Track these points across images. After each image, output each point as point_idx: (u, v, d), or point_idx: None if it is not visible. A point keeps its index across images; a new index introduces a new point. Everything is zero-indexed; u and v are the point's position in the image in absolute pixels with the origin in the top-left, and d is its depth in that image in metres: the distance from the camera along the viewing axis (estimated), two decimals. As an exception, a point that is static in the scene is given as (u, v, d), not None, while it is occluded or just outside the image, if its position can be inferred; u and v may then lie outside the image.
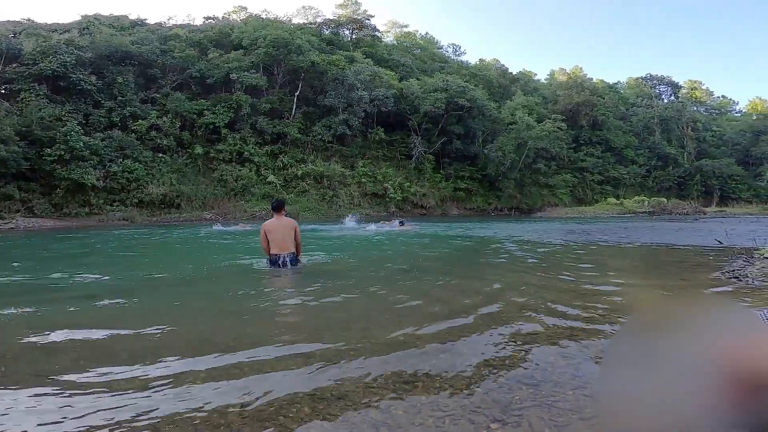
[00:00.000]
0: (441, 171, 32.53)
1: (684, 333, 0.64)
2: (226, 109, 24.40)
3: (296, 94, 27.41)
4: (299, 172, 25.39)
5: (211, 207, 21.18)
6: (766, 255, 6.79)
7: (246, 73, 25.16)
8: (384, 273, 6.00)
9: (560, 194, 36.97)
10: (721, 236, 10.91)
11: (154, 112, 21.83)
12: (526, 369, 2.31)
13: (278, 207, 6.11)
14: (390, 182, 28.74)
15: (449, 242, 10.65)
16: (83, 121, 18.75)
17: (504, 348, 2.64)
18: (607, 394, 0.63)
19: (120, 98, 20.69)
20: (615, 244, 9.60)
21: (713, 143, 47.09)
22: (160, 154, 21.15)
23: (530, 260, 7.21)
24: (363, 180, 27.89)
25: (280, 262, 5.93)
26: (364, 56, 32.34)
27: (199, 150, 22.61)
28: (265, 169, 24.72)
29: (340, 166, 27.32)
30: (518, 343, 2.72)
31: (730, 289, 4.29)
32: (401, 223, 16.87)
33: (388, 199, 28.40)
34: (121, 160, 18.71)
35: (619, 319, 3.20)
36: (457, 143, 32.30)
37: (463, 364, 2.38)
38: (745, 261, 6.40)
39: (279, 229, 5.96)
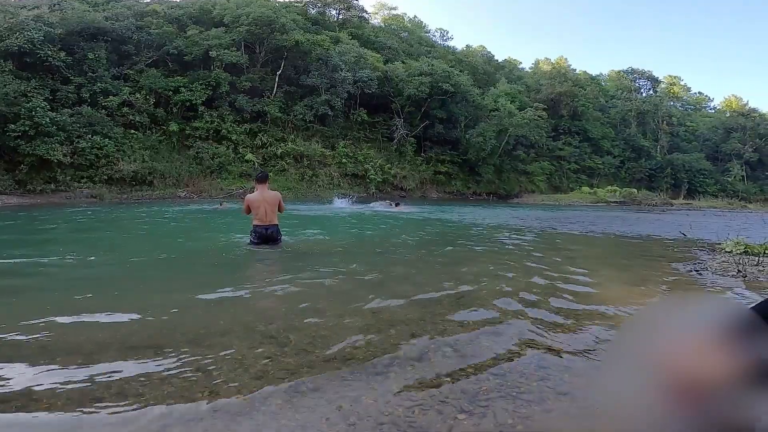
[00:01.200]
0: (422, 154, 32.66)
1: (632, 339, 0.68)
2: (204, 87, 23.63)
3: (278, 72, 26.72)
4: (279, 151, 24.95)
5: (186, 185, 20.56)
6: (726, 249, 7.17)
7: (226, 51, 24.29)
8: (363, 256, 6.03)
9: (537, 181, 37.73)
10: (686, 228, 11.42)
11: (127, 88, 20.97)
12: (493, 359, 2.40)
13: (262, 179, 6.14)
14: (371, 164, 28.67)
15: (434, 226, 10.72)
16: (50, 97, 17.93)
17: (473, 338, 2.72)
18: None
19: (90, 74, 19.79)
20: (585, 233, 9.84)
21: (685, 138, 48.59)
22: (132, 131, 20.40)
23: (507, 246, 7.40)
24: (344, 161, 27.72)
25: (266, 234, 5.96)
26: (350, 37, 31.76)
27: (174, 127, 21.88)
28: (243, 147, 24.18)
29: (320, 146, 27.00)
30: (487, 333, 2.81)
31: (689, 284, 4.50)
32: (396, 204, 17.25)
33: (368, 180, 28.37)
34: (90, 136, 17.95)
35: (584, 311, 3.34)
36: (439, 127, 32.39)
37: (432, 353, 2.45)
38: (707, 254, 6.73)
39: (262, 202, 5.98)
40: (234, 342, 2.56)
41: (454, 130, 33.42)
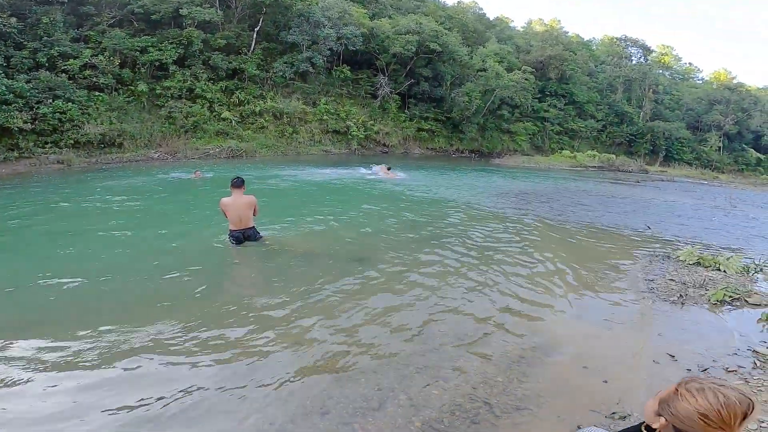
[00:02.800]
0: (405, 111, 32.14)
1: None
2: (175, 46, 21.98)
3: (256, 29, 25.06)
4: (257, 109, 24.04)
5: (158, 145, 19.72)
6: (681, 258, 7.62)
7: (199, 8, 22.35)
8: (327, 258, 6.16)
9: (520, 141, 37.88)
10: (652, 219, 11.90)
11: (89, 50, 19.36)
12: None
13: (237, 184, 6.22)
14: (353, 120, 28.15)
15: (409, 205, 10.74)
16: (4, 64, 16.61)
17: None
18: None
19: (46, 38, 18.26)
20: (552, 223, 9.93)
21: (669, 106, 48.84)
22: (97, 93, 19.15)
23: (470, 233, 7.68)
24: (325, 117, 27.07)
25: (242, 238, 6.16)
26: (336, -10, 29.86)
27: (142, 87, 20.54)
28: (219, 105, 23.08)
29: (301, 102, 26.16)
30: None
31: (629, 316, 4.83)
32: (388, 169, 16.68)
33: (350, 136, 27.98)
34: (50, 101, 16.90)
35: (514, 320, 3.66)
36: (425, 85, 31.70)
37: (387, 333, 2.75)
38: (661, 264, 7.16)
39: (236, 207, 6.09)
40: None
41: (440, 88, 32.78)
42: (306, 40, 25.46)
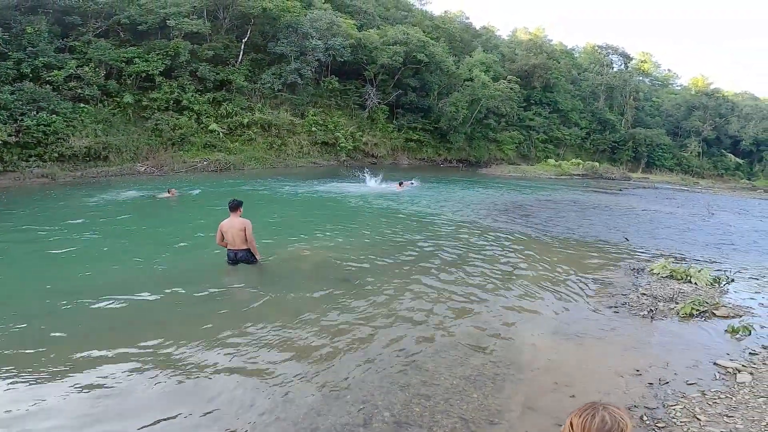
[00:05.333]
0: (394, 122, 32.49)
1: None
2: (161, 57, 21.88)
3: (244, 40, 25.19)
4: (245, 121, 24.08)
5: (145, 158, 19.55)
6: (654, 271, 7.96)
7: (186, 19, 22.35)
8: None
9: (506, 150, 38.51)
10: (631, 230, 12.32)
11: (74, 61, 19.23)
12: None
13: (233, 207, 6.47)
14: (341, 131, 28.38)
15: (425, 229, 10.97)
16: None
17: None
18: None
19: (30, 49, 18.17)
20: (533, 237, 10.18)
21: (650, 113, 50.15)
22: (82, 105, 18.96)
23: (454, 249, 7.92)
24: (313, 129, 27.26)
25: (236, 258, 6.54)
26: (324, 1, 30.17)
27: (128, 99, 20.41)
28: (207, 117, 23.01)
29: (289, 114, 26.32)
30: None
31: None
32: (400, 184, 17.39)
33: (338, 148, 28.21)
34: (35, 113, 16.77)
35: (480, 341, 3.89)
36: (412, 96, 32.15)
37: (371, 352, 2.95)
38: (635, 277, 7.48)
39: (230, 228, 6.37)
40: None
41: (427, 98, 33.27)
42: (294, 51, 25.69)
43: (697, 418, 3.47)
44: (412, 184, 18.65)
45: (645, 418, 3.47)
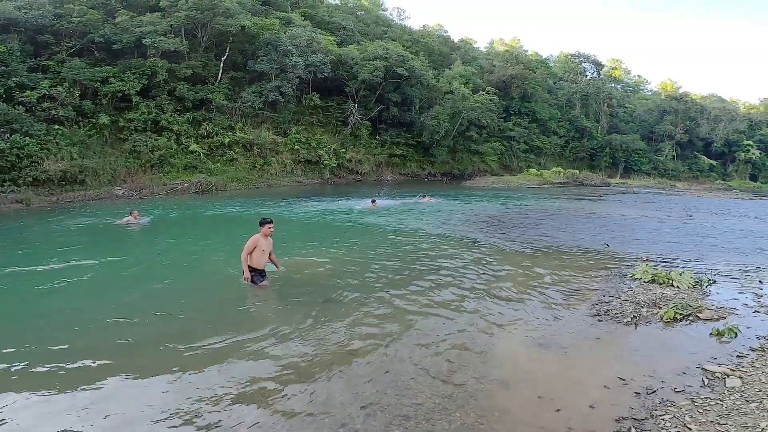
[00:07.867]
0: (377, 137, 32.63)
1: None
2: (138, 76, 21.61)
3: (223, 58, 25.17)
4: (226, 140, 23.85)
5: (123, 181, 19.11)
6: (636, 276, 7.95)
7: (163, 38, 22.16)
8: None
9: (489, 161, 39.03)
10: (611, 236, 12.39)
11: (47, 81, 18.89)
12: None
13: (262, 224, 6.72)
14: (324, 149, 28.33)
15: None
16: None
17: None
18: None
19: (2, 68, 17.80)
20: (513, 250, 9.95)
21: (624, 119, 51.62)
22: (57, 126, 18.53)
23: (438, 263, 7.78)
24: (296, 147, 27.16)
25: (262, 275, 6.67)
26: (303, 18, 30.38)
27: (104, 120, 20.01)
28: (187, 137, 22.72)
29: (271, 133, 26.19)
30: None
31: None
32: (422, 197, 19.05)
33: (322, 165, 28.13)
34: (8, 135, 16.35)
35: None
36: (394, 110, 32.41)
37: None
38: (618, 283, 7.47)
39: (268, 247, 6.71)
40: None
41: (409, 112, 33.59)
42: (274, 68, 25.70)
43: (688, 428, 3.37)
44: (424, 196, 19.73)
45: (633, 430, 3.37)
